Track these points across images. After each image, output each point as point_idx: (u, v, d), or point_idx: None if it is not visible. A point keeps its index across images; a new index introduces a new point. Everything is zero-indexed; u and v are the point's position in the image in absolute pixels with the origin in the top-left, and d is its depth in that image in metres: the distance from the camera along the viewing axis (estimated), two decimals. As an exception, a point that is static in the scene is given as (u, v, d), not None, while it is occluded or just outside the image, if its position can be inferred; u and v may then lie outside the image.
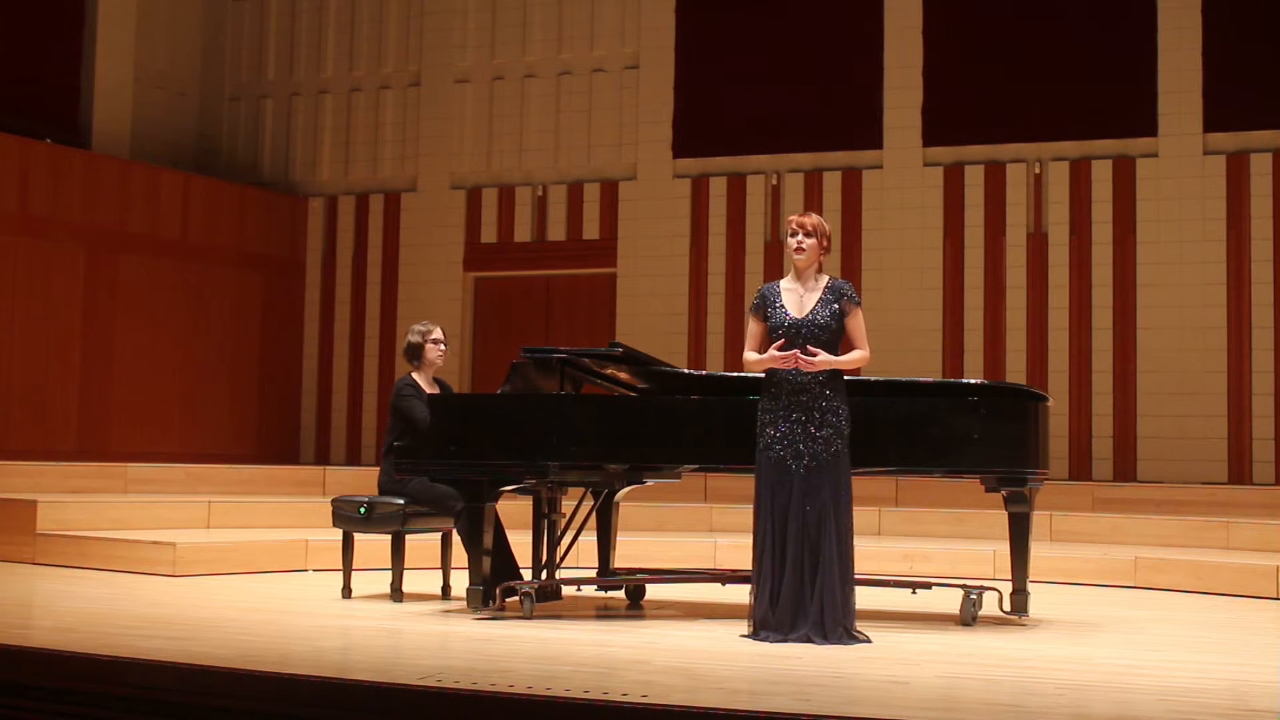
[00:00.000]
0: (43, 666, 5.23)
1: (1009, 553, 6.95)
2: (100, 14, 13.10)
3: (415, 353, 7.90)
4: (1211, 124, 11.56)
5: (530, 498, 7.34)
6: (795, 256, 6.33)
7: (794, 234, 6.34)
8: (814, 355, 6.14)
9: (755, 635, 6.11)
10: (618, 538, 7.80)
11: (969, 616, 6.77)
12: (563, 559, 7.51)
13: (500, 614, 6.81)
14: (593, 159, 13.24)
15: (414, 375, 7.87)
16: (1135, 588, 9.01)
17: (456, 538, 7.64)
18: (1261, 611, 7.79)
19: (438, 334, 7.94)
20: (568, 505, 7.65)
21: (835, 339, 6.28)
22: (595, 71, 13.29)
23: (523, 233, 13.36)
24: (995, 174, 12.11)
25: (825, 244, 6.37)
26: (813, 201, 12.34)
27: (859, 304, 6.34)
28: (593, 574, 7.74)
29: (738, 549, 9.08)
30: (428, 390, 7.76)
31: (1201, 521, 10.18)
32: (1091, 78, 11.91)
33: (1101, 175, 11.82)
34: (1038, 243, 11.95)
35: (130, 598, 7.46)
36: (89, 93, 13.04)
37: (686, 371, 7.79)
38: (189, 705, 4.89)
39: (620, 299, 12.99)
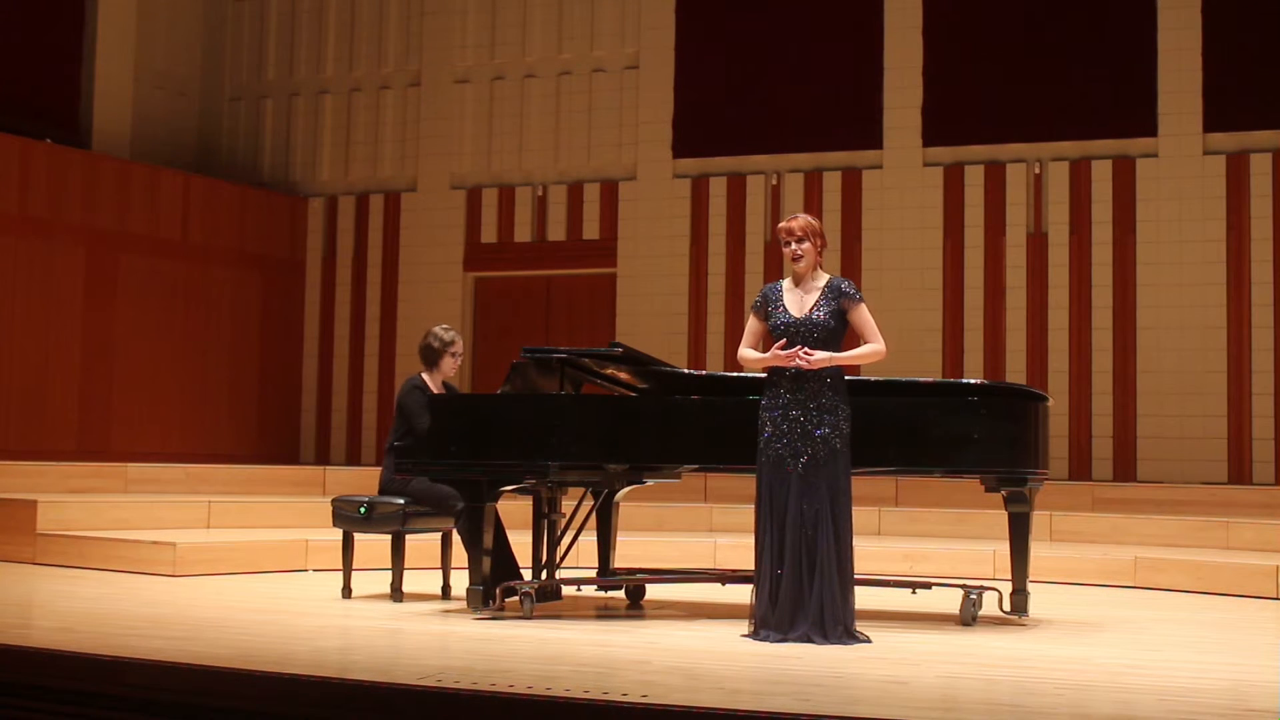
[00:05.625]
0: (43, 666, 5.23)
1: (1009, 553, 6.94)
2: (100, 14, 13.10)
3: (432, 358, 7.84)
4: (1211, 124, 11.56)
5: (530, 498, 7.34)
6: (794, 265, 6.34)
7: (786, 243, 6.34)
8: (813, 354, 6.14)
9: (756, 634, 6.11)
10: (618, 538, 7.79)
11: (969, 616, 6.77)
12: (563, 559, 7.50)
13: (500, 614, 6.80)
14: (593, 159, 13.24)
15: (424, 376, 7.84)
16: (1135, 588, 9.00)
17: (456, 538, 7.64)
18: (1261, 611, 7.79)
19: (458, 347, 7.86)
20: (568, 505, 7.65)
21: (835, 338, 6.27)
22: (595, 71, 13.28)
23: (523, 233, 13.35)
24: (995, 174, 12.10)
25: (820, 243, 6.37)
26: (813, 201, 12.34)
27: (860, 300, 6.31)
28: (593, 574, 7.74)
29: (738, 549, 9.09)
30: (435, 392, 7.74)
31: (1201, 521, 10.17)
32: (1091, 78, 11.91)
33: (1101, 175, 11.81)
34: (1038, 243, 11.95)
35: (130, 598, 7.45)
36: (89, 93, 13.04)
37: (686, 371, 7.78)
38: (189, 705, 4.89)
39: (620, 299, 12.98)
